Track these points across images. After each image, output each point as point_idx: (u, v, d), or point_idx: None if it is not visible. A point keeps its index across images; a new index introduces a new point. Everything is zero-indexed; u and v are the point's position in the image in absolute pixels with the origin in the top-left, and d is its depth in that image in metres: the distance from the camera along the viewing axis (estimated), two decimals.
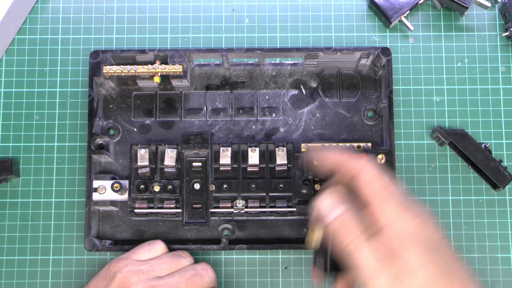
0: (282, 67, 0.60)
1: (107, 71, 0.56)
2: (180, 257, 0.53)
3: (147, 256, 0.53)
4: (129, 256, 0.52)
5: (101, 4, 0.62)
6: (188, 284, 0.50)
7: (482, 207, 0.58)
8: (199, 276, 0.51)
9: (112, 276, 0.50)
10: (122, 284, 0.49)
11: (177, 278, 0.50)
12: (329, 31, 0.61)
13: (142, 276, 0.50)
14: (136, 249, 0.53)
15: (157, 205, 0.55)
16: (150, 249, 0.53)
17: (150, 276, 0.50)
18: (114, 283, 0.50)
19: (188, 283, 0.50)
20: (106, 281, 0.50)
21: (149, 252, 0.53)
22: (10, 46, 0.61)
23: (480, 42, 0.61)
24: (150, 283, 0.49)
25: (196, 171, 0.55)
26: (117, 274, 0.50)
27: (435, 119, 0.60)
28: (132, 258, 0.52)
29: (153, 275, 0.50)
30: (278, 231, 0.58)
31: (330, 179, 0.46)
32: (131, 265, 0.51)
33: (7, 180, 0.59)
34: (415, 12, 0.61)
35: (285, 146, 0.55)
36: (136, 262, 0.51)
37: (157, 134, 0.59)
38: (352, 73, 0.59)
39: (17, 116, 0.60)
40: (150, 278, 0.50)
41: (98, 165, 0.58)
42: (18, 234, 0.58)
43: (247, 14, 0.62)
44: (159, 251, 0.53)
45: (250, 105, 0.59)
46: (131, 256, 0.52)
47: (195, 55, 0.57)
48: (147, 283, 0.49)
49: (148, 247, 0.53)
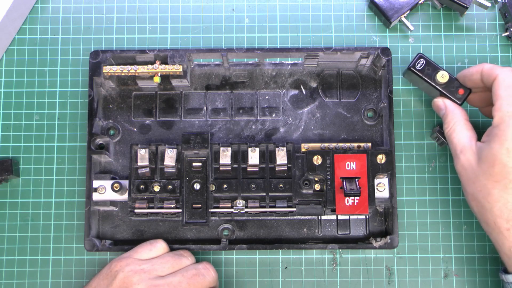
0: (282, 67, 0.60)
1: (107, 71, 0.56)
2: (182, 257, 0.53)
3: (149, 255, 0.53)
4: (131, 255, 0.52)
5: (101, 4, 0.62)
6: (190, 283, 0.50)
7: None
8: (201, 276, 0.51)
9: (114, 275, 0.50)
10: (124, 284, 0.49)
11: (179, 278, 0.50)
12: (329, 31, 0.61)
13: (144, 275, 0.50)
14: (137, 248, 0.53)
15: (157, 205, 0.55)
16: (152, 248, 0.53)
17: (152, 276, 0.50)
18: (115, 282, 0.50)
19: (190, 282, 0.51)
20: (107, 280, 0.50)
21: (151, 251, 0.53)
22: (10, 46, 0.61)
23: (480, 42, 0.61)
24: (152, 282, 0.49)
25: (196, 171, 0.55)
26: (119, 273, 0.50)
27: (435, 119, 0.60)
28: (133, 257, 0.52)
29: (155, 274, 0.50)
30: (278, 231, 0.58)
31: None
32: (133, 264, 0.51)
33: (7, 180, 0.59)
34: (415, 12, 0.61)
35: (285, 146, 0.55)
36: (137, 261, 0.51)
37: (157, 134, 0.59)
38: (352, 73, 0.59)
39: (17, 116, 0.60)
40: (152, 278, 0.50)
41: (98, 165, 0.58)
42: (18, 234, 0.58)
43: (247, 14, 0.62)
44: (160, 250, 0.53)
45: (250, 105, 0.59)
46: (132, 255, 0.52)
47: (195, 55, 0.58)
48: (148, 282, 0.49)
49: (150, 246, 0.53)
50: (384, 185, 0.55)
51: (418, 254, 0.58)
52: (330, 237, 0.58)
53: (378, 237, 0.56)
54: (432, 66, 0.55)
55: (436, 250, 0.58)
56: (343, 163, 0.54)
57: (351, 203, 0.53)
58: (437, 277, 0.57)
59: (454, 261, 0.58)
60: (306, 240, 0.57)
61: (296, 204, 0.55)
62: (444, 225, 0.58)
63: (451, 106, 0.54)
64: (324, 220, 0.58)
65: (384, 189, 0.55)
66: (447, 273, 0.58)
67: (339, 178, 0.54)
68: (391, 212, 0.56)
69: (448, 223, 0.58)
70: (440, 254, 0.58)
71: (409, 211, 0.58)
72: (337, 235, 0.58)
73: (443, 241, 0.58)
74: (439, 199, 0.58)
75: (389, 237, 0.55)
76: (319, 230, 0.58)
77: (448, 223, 0.58)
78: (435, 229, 0.58)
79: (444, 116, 0.54)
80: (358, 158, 0.54)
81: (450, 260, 0.58)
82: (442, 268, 0.58)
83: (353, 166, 0.54)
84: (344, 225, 0.58)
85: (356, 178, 0.53)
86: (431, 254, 0.58)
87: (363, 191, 0.53)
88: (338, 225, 0.58)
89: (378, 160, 0.54)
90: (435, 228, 0.58)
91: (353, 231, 0.58)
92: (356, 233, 0.58)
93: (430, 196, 0.59)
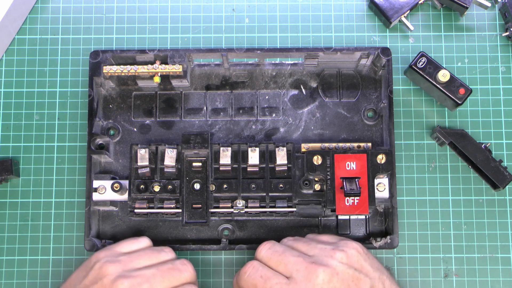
0: (282, 67, 0.60)
1: (107, 71, 0.56)
2: (161, 252, 0.52)
3: (130, 249, 0.52)
4: (112, 248, 0.52)
5: (101, 4, 0.62)
6: (164, 276, 0.50)
7: (482, 207, 0.58)
8: (176, 270, 0.51)
9: (91, 266, 0.50)
10: (99, 274, 0.49)
11: (153, 271, 0.50)
12: (329, 31, 0.61)
13: (119, 266, 0.50)
14: (121, 242, 0.53)
15: (157, 205, 0.55)
16: (135, 242, 0.53)
17: (127, 267, 0.50)
18: (91, 273, 0.50)
19: (164, 276, 0.50)
20: (85, 271, 0.50)
21: (133, 244, 0.53)
22: (10, 46, 0.61)
23: (480, 42, 0.61)
24: (125, 273, 0.49)
25: (196, 171, 0.55)
26: (96, 264, 0.50)
27: (435, 119, 0.60)
28: (114, 249, 0.52)
29: (131, 266, 0.50)
30: (278, 231, 0.58)
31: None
32: (111, 256, 0.51)
33: (7, 180, 0.59)
34: (415, 12, 0.61)
35: (285, 146, 0.55)
36: (116, 253, 0.51)
37: (157, 134, 0.59)
38: (352, 73, 0.59)
39: (17, 116, 0.60)
40: (126, 269, 0.50)
41: (98, 165, 0.58)
42: (18, 234, 0.58)
43: (247, 14, 0.62)
44: (143, 245, 0.53)
45: (250, 105, 0.59)
46: (114, 248, 0.52)
47: (195, 55, 0.57)
48: (122, 273, 0.49)
49: (133, 241, 0.53)
50: (384, 185, 0.55)
51: (418, 254, 0.58)
52: None
53: (378, 237, 0.56)
54: (434, 65, 0.55)
55: (436, 250, 0.58)
56: (343, 163, 0.54)
57: (351, 203, 0.53)
58: (437, 277, 0.57)
59: (454, 261, 0.58)
60: None
61: (296, 204, 0.55)
62: (444, 225, 0.58)
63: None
64: (324, 220, 0.58)
65: (384, 189, 0.55)
66: (447, 273, 0.57)
67: (339, 178, 0.54)
68: (391, 212, 0.56)
69: (448, 223, 0.58)
70: (440, 254, 0.58)
71: (409, 211, 0.58)
72: (337, 235, 0.57)
73: (443, 241, 0.58)
74: (439, 199, 0.58)
75: (389, 237, 0.55)
76: (319, 230, 0.58)
77: (448, 223, 0.58)
78: (435, 229, 0.58)
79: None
80: (358, 158, 0.54)
81: (450, 260, 0.58)
82: (442, 268, 0.58)
83: (353, 166, 0.54)
84: (344, 225, 0.58)
85: (356, 178, 0.53)
86: (431, 254, 0.58)
87: (363, 191, 0.53)
88: (338, 225, 0.58)
89: (378, 160, 0.54)
90: (435, 228, 0.58)
91: (353, 231, 0.58)
92: (356, 233, 0.58)
93: (430, 196, 0.59)
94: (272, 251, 0.51)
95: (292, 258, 0.49)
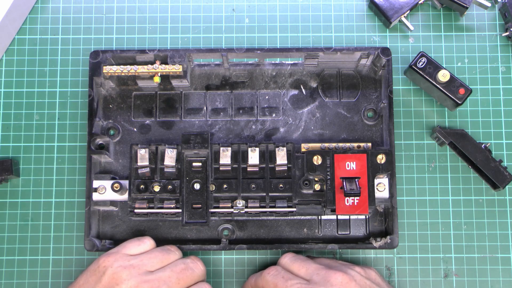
0: (282, 67, 0.60)
1: (107, 71, 0.56)
2: (169, 251, 0.53)
3: (137, 251, 0.52)
4: (119, 251, 0.52)
5: (101, 4, 0.62)
6: (179, 278, 0.50)
7: (482, 207, 0.58)
8: (189, 270, 0.51)
9: (103, 272, 0.50)
10: (113, 280, 0.49)
11: (168, 273, 0.50)
12: (329, 31, 0.61)
13: (133, 271, 0.50)
14: (126, 244, 0.53)
15: (157, 205, 0.55)
16: (140, 243, 0.53)
17: (141, 271, 0.50)
18: (104, 279, 0.49)
19: (179, 277, 0.50)
20: (96, 276, 0.50)
21: (139, 246, 0.53)
22: (10, 46, 0.61)
23: (480, 42, 0.61)
24: (142, 278, 0.49)
25: (196, 171, 0.55)
26: (108, 269, 0.50)
27: (435, 119, 0.60)
28: (122, 252, 0.52)
29: (144, 269, 0.50)
30: (278, 231, 0.58)
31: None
32: (122, 260, 0.50)
33: (7, 180, 0.59)
34: (415, 12, 0.61)
35: (285, 146, 0.55)
36: (126, 256, 0.51)
37: (157, 134, 0.59)
38: (352, 73, 0.59)
39: (17, 116, 0.60)
40: (141, 273, 0.50)
41: (98, 165, 0.58)
42: (18, 234, 0.58)
43: (247, 14, 0.62)
44: (148, 246, 0.53)
45: (250, 105, 0.59)
46: (120, 251, 0.52)
47: (195, 55, 0.58)
48: (138, 278, 0.49)
49: (138, 242, 0.53)
50: (384, 185, 0.55)
51: (418, 254, 0.58)
52: (330, 237, 0.58)
53: (378, 237, 0.56)
54: (434, 65, 0.56)
55: (436, 250, 0.58)
56: (343, 163, 0.54)
57: (351, 203, 0.53)
58: (437, 277, 0.57)
59: (454, 261, 0.58)
60: (306, 240, 0.57)
61: (296, 204, 0.55)
62: (444, 225, 0.58)
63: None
64: (324, 220, 0.58)
65: (384, 189, 0.55)
66: (447, 273, 0.58)
67: (339, 178, 0.54)
68: (391, 212, 0.56)
69: (448, 223, 0.58)
70: (440, 254, 0.58)
71: (409, 211, 0.58)
72: (337, 235, 0.58)
73: (443, 241, 0.58)
74: (439, 199, 0.58)
75: (389, 237, 0.55)
76: (319, 230, 0.58)
77: (448, 223, 0.58)
78: (435, 229, 0.58)
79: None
80: (358, 158, 0.54)
81: (450, 260, 0.58)
82: (442, 268, 0.58)
83: (353, 166, 0.54)
84: (344, 225, 0.58)
85: (356, 178, 0.53)
86: (431, 254, 0.58)
87: (363, 191, 0.53)
88: (338, 225, 0.58)
89: (378, 160, 0.54)
90: (435, 228, 0.58)
91: (353, 231, 0.58)
92: (356, 233, 0.58)
93: (430, 196, 0.59)
94: (296, 258, 0.53)
95: (314, 265, 0.52)
